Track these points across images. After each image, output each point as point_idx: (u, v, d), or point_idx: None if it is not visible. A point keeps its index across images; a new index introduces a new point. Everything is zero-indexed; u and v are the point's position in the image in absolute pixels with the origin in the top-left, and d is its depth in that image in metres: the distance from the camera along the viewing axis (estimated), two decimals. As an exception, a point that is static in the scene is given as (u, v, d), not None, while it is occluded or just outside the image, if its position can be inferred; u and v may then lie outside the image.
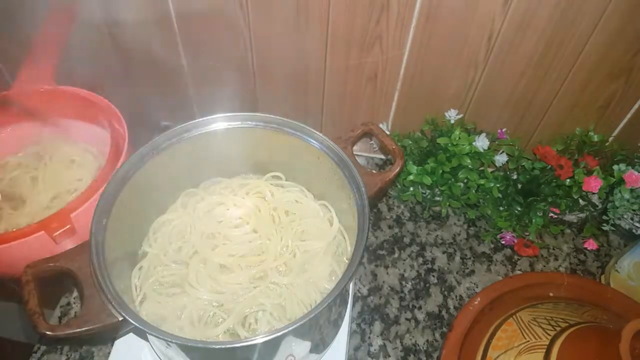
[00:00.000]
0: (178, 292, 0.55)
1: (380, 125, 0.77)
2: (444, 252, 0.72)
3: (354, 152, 0.59)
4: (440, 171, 0.70)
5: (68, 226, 0.57)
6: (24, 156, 0.74)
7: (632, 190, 0.67)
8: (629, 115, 0.71)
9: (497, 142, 0.72)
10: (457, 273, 0.70)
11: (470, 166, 0.69)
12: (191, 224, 0.60)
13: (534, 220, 0.70)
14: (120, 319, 0.44)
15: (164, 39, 0.70)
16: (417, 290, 0.68)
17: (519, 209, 0.71)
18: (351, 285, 0.64)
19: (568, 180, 0.69)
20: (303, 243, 0.58)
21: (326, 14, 0.63)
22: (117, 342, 0.59)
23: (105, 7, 0.67)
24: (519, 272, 0.71)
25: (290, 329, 0.42)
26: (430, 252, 0.72)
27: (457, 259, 0.72)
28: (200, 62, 0.74)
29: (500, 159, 0.71)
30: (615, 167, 0.69)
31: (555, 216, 0.73)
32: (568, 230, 0.76)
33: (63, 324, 0.45)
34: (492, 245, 0.73)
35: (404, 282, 0.69)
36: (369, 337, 0.63)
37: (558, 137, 0.73)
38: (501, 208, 0.73)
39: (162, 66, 0.75)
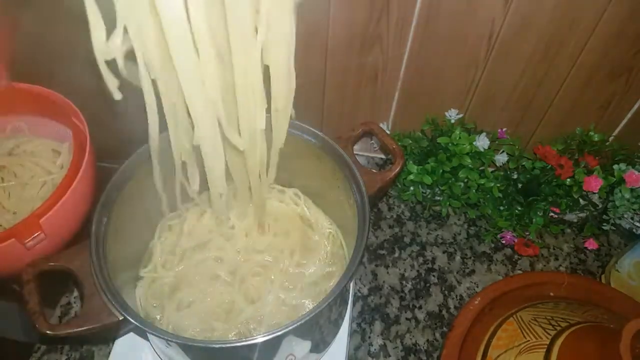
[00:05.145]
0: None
1: (381, 125, 0.76)
2: (444, 252, 0.72)
3: (354, 152, 0.59)
4: (441, 171, 0.70)
5: (38, 233, 0.56)
6: None
7: (632, 190, 0.67)
8: (629, 115, 0.71)
9: (497, 142, 0.72)
10: (457, 273, 0.70)
11: (470, 166, 0.69)
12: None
13: (534, 220, 0.70)
14: (121, 318, 0.44)
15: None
16: (418, 289, 0.68)
17: (519, 208, 0.71)
18: (351, 285, 0.64)
19: (568, 179, 0.69)
20: (297, 264, 0.59)
21: (326, 13, 0.63)
22: (118, 342, 0.59)
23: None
24: (519, 272, 0.71)
25: (291, 328, 0.42)
26: (431, 251, 0.72)
27: (458, 258, 0.72)
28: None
29: (501, 158, 0.71)
30: (615, 166, 0.69)
31: (556, 216, 0.74)
32: (568, 230, 0.75)
33: (63, 323, 0.45)
34: (493, 245, 0.73)
35: (404, 282, 0.69)
36: (369, 337, 0.63)
37: (558, 136, 0.73)
38: (501, 208, 0.72)
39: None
